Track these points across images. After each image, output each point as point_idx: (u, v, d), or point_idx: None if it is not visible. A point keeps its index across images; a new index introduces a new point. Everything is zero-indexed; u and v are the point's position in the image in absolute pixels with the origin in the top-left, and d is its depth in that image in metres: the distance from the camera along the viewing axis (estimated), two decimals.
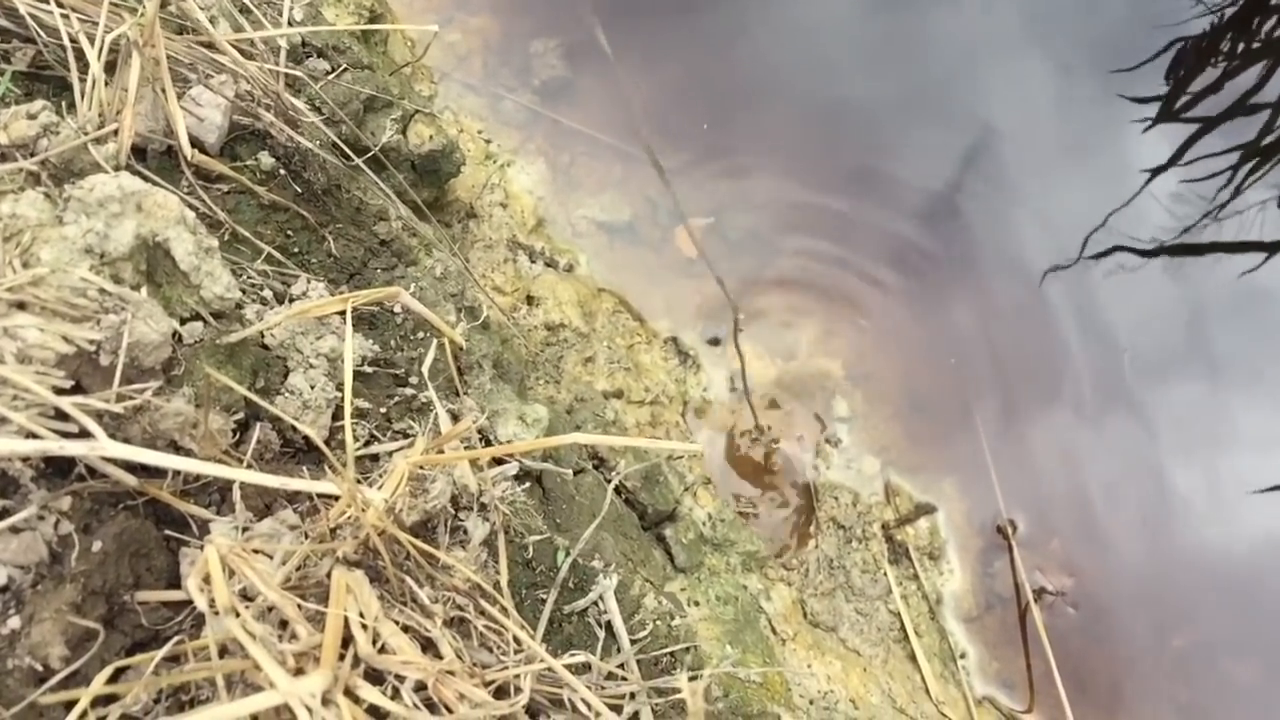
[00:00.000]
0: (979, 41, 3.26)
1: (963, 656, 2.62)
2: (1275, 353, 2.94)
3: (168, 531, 1.21)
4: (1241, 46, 3.31)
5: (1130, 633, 2.65)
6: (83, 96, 1.44)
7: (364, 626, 1.13)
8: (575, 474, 1.95)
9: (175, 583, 1.19)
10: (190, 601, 1.14)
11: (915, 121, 3.16)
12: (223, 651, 1.08)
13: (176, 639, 1.13)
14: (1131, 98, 3.20)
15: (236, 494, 1.24)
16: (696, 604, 2.14)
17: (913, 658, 2.55)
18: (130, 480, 1.15)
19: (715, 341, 2.85)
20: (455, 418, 1.67)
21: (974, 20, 3.28)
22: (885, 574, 2.64)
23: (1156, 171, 3.11)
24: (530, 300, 2.65)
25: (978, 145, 3.11)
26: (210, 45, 1.64)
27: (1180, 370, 2.90)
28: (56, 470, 1.13)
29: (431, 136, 2.36)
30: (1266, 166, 3.14)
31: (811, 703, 2.26)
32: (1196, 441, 2.84)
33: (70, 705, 1.03)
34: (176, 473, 1.21)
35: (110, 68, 1.47)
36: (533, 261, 2.77)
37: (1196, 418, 2.87)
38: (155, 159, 1.53)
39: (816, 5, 3.27)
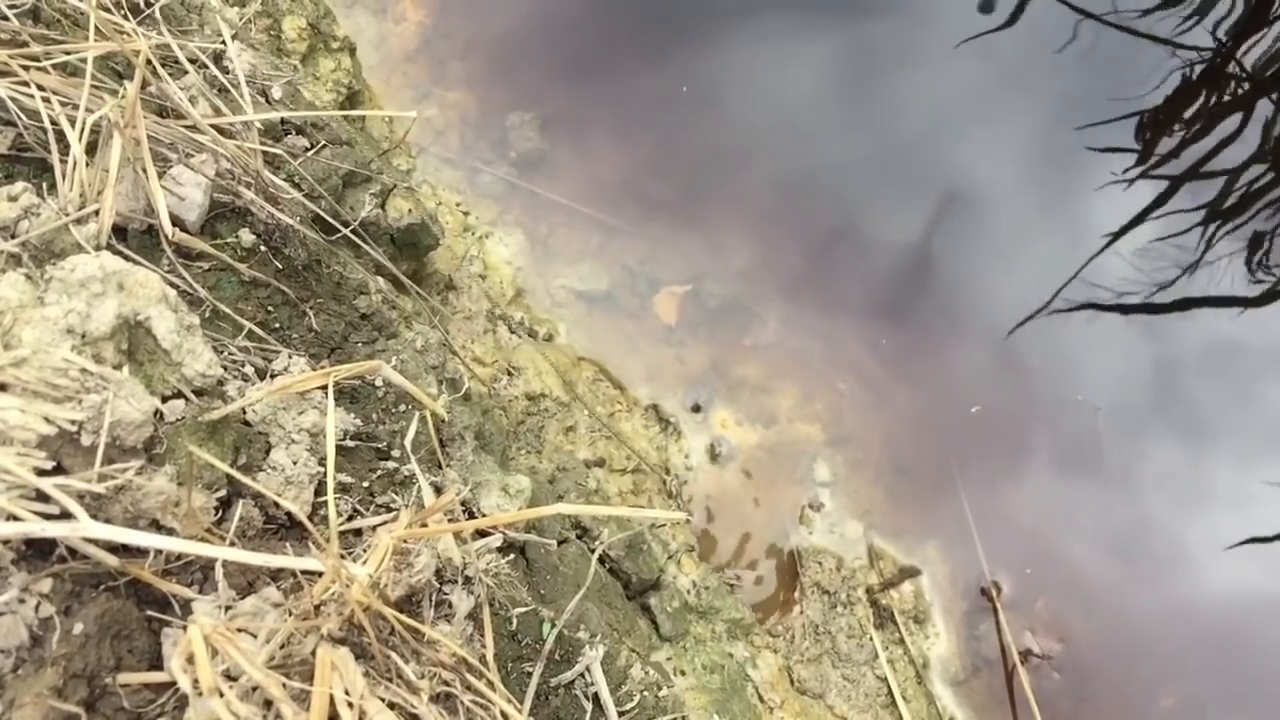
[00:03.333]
0: (947, 106, 3.31)
1: None
2: (1248, 407, 2.96)
3: (149, 612, 1.19)
4: (1210, 105, 3.38)
5: (1119, 693, 2.64)
6: (64, 177, 1.45)
7: (350, 705, 1.11)
8: (559, 544, 1.94)
9: (157, 664, 1.18)
10: (173, 683, 1.12)
11: (887, 186, 3.20)
12: None
13: None
14: (1100, 156, 3.26)
15: (219, 572, 1.23)
16: (683, 673, 2.12)
17: None
18: (112, 561, 1.14)
19: (697, 409, 2.86)
20: (438, 490, 1.66)
21: (942, 85, 3.34)
22: (871, 639, 2.63)
23: (1123, 229, 3.15)
24: (511, 370, 2.65)
25: (950, 207, 3.16)
26: (190, 125, 1.66)
27: (1155, 427, 2.93)
28: (37, 552, 1.12)
29: (410, 210, 2.38)
30: (1232, 222, 3.20)
31: None
32: (1175, 498, 2.85)
33: None
34: (158, 552, 1.20)
35: (91, 149, 1.48)
36: (512, 332, 2.78)
37: (1172, 474, 2.88)
38: (136, 238, 1.54)
39: (789, 74, 3.32)
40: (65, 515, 1.05)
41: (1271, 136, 3.30)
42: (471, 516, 1.80)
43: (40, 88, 1.51)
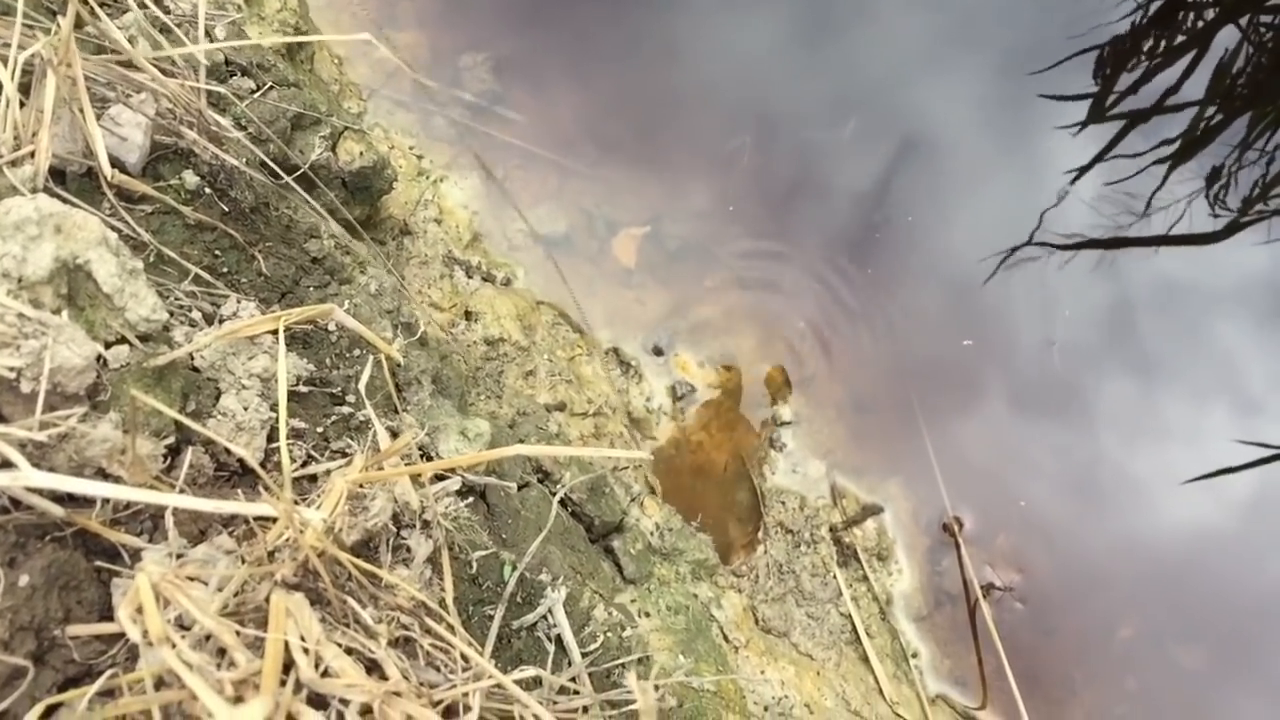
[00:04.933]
0: (903, 49, 3.28)
1: (915, 656, 2.62)
2: (1200, 344, 2.98)
3: (98, 562, 1.17)
4: (1164, 44, 3.37)
5: (1078, 624, 2.67)
6: None
7: (305, 650, 1.10)
8: (520, 488, 1.92)
9: (108, 615, 1.15)
10: (124, 634, 1.10)
11: (845, 128, 3.18)
12: (159, 683, 1.05)
13: (110, 673, 1.10)
14: (1057, 99, 3.25)
15: (169, 520, 1.21)
16: (647, 615, 2.12)
17: (865, 659, 2.56)
18: (57, 511, 1.11)
19: (658, 351, 2.84)
20: (394, 435, 1.64)
21: (897, 29, 3.31)
22: (835, 577, 2.64)
23: (1083, 170, 3.15)
24: (469, 315, 2.62)
25: (908, 150, 3.14)
26: (129, 64, 1.60)
27: (1111, 364, 2.94)
28: None
29: (362, 153, 2.33)
30: (1189, 161, 3.20)
31: (766, 709, 2.25)
32: (1131, 433, 2.87)
33: None
34: (106, 501, 1.17)
35: (25, 89, 1.43)
36: (469, 276, 2.74)
37: (1128, 410, 2.90)
38: (75, 181, 1.49)
39: (745, 19, 3.28)
40: (6, 464, 1.02)
41: (1231, 69, 3.30)
42: (429, 461, 1.77)
43: None
